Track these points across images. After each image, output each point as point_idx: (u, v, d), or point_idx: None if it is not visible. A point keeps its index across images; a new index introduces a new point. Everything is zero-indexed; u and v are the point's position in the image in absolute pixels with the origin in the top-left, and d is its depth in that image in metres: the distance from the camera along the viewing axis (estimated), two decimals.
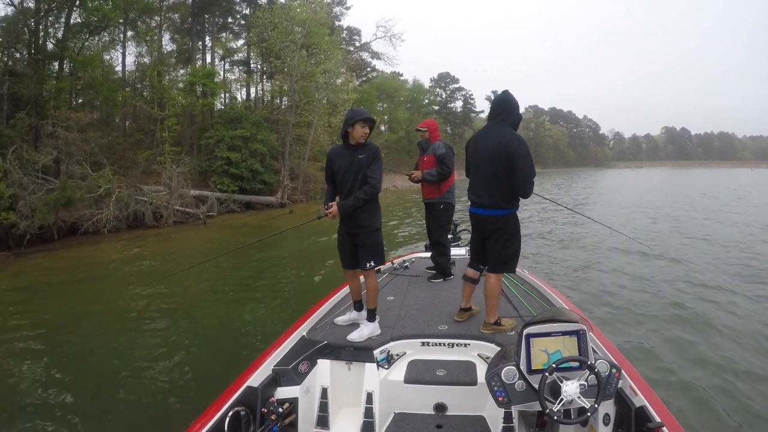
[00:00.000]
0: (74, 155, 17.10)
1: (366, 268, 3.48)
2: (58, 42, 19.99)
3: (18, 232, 13.72)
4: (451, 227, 5.54)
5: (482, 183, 3.35)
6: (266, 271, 10.14)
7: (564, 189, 38.85)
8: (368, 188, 3.33)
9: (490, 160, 3.27)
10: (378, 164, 3.39)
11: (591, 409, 2.17)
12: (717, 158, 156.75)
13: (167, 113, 23.48)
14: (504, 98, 3.38)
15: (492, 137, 3.29)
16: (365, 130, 3.37)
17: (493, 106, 3.44)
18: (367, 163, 3.36)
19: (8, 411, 4.35)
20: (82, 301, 8.28)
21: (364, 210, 3.42)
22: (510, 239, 3.39)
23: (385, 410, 2.95)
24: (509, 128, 3.31)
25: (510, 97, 3.36)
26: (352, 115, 3.37)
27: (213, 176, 23.46)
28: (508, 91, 3.39)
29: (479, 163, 3.36)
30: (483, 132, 3.44)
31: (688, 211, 19.65)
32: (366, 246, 3.48)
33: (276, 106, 33.15)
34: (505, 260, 3.42)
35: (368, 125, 3.37)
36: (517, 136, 3.25)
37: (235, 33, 35.79)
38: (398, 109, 51.07)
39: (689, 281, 8.12)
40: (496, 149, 3.23)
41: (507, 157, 3.19)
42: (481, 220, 3.43)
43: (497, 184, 3.28)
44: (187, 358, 5.49)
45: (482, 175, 3.34)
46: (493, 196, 3.31)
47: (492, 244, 3.42)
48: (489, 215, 3.36)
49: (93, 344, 6.10)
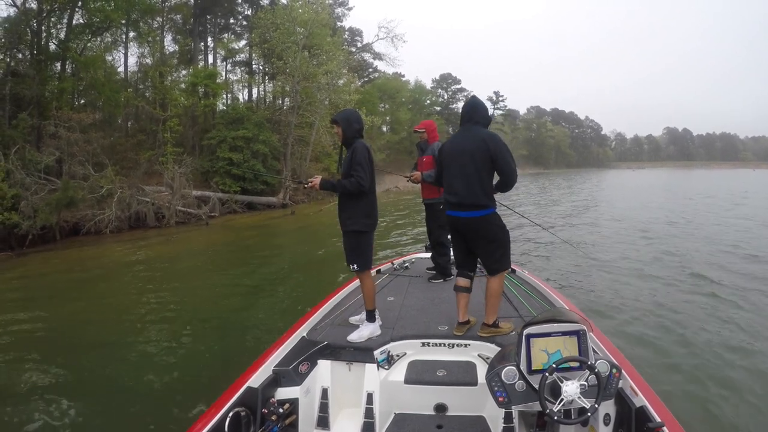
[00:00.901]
0: (76, 156, 17.17)
1: (351, 270, 3.51)
2: (60, 43, 20.06)
3: (20, 233, 13.79)
4: None
5: (463, 183, 3.33)
6: (266, 271, 10.16)
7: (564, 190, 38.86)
8: (353, 180, 3.36)
9: (472, 159, 3.29)
10: (357, 159, 3.38)
11: (591, 409, 2.17)
12: (719, 159, 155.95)
13: (169, 114, 23.51)
14: (473, 102, 3.52)
15: (469, 138, 3.36)
16: (335, 130, 3.57)
17: (463, 111, 3.51)
18: (348, 160, 3.43)
19: (7, 410, 4.35)
20: (83, 301, 8.30)
21: (344, 209, 3.51)
22: (499, 237, 3.38)
23: (386, 411, 2.94)
24: (482, 127, 3.40)
25: (478, 100, 3.54)
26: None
27: (215, 177, 23.51)
28: (476, 96, 3.64)
29: (461, 164, 3.35)
30: (458, 136, 3.49)
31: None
32: (347, 248, 3.51)
33: (278, 107, 33.18)
34: (499, 259, 3.38)
35: (335, 125, 3.56)
36: (493, 132, 3.40)
37: (237, 34, 35.85)
38: (400, 110, 51.03)
39: (689, 281, 8.12)
40: (477, 147, 3.28)
41: (488, 153, 3.25)
42: (466, 224, 3.38)
43: (480, 183, 3.28)
44: (187, 358, 5.49)
45: (464, 175, 3.32)
46: (477, 196, 3.29)
47: (482, 247, 3.39)
48: (474, 217, 3.32)
49: (93, 344, 6.11)
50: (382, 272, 5.40)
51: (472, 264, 3.57)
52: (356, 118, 3.57)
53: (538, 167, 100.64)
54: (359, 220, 3.46)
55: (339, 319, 3.80)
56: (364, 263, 3.48)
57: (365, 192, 3.43)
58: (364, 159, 3.39)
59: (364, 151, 3.42)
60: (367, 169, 3.39)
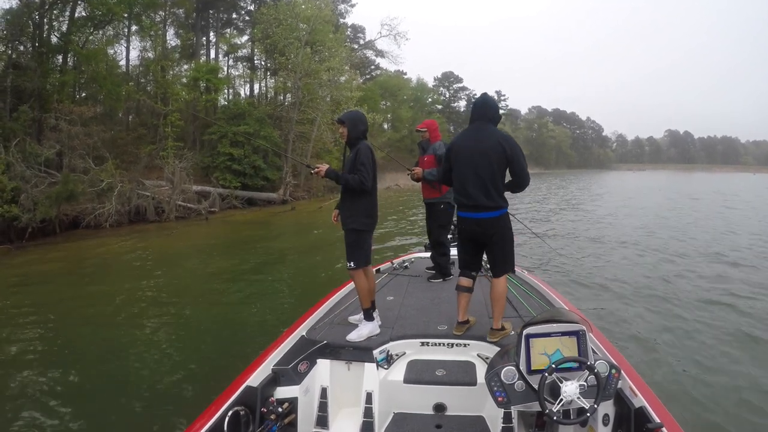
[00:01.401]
0: (77, 149, 17.15)
1: (347, 267, 3.51)
2: (62, 35, 20.01)
3: (20, 225, 13.76)
4: (451, 227, 5.54)
5: (478, 184, 3.27)
6: (267, 270, 10.16)
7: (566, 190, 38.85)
8: (356, 177, 3.37)
9: (488, 160, 3.23)
10: (361, 160, 3.39)
11: (590, 409, 2.16)
12: (720, 162, 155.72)
13: (170, 108, 23.50)
14: (485, 100, 3.47)
15: (483, 137, 3.30)
16: (340, 130, 3.56)
17: (474, 108, 3.46)
18: (352, 160, 3.44)
19: (6, 407, 4.35)
20: (82, 295, 8.29)
21: (346, 207, 3.52)
22: (509, 238, 3.38)
23: (385, 410, 2.94)
24: (493, 126, 3.37)
25: (490, 98, 3.51)
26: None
27: (215, 172, 23.52)
28: (487, 94, 3.55)
29: (475, 165, 3.28)
30: (469, 134, 3.40)
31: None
32: (346, 245, 3.52)
33: (279, 103, 33.16)
34: (508, 260, 3.39)
35: (341, 125, 3.54)
36: (507, 134, 3.39)
37: (239, 29, 35.83)
38: (401, 108, 51.00)
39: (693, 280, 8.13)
40: (492, 148, 3.23)
41: (504, 155, 3.22)
42: (480, 224, 3.33)
43: (495, 184, 3.25)
44: (186, 357, 5.48)
45: (478, 176, 3.26)
46: (493, 197, 3.25)
47: (495, 247, 3.36)
48: (489, 218, 3.28)
49: (92, 340, 6.11)
50: (381, 272, 5.40)
51: (478, 265, 3.56)
52: (362, 120, 3.58)
53: (539, 167, 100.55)
54: (359, 219, 3.47)
55: (338, 318, 3.79)
56: (359, 261, 3.47)
57: (367, 191, 3.44)
58: (368, 159, 3.39)
59: (368, 152, 3.43)
60: (371, 170, 3.40)
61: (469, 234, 3.42)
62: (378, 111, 36.96)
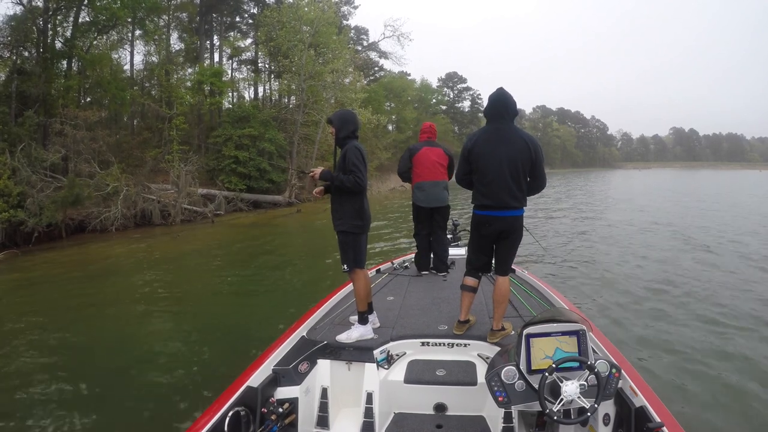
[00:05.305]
0: (82, 153, 17.31)
1: (342, 270, 3.49)
2: (66, 41, 20.18)
3: (26, 230, 13.91)
4: (449, 226, 5.55)
5: (506, 187, 3.19)
6: (267, 271, 10.19)
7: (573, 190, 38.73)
8: (351, 178, 3.31)
9: (515, 163, 3.18)
10: (351, 160, 3.32)
11: (591, 409, 2.16)
12: (726, 160, 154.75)
13: (175, 112, 23.61)
14: (504, 97, 3.28)
15: (510, 139, 3.20)
16: (330, 130, 3.55)
17: (493, 106, 3.28)
18: (341, 161, 3.39)
19: (9, 406, 4.39)
20: (86, 298, 8.32)
21: (335, 210, 3.48)
22: (521, 235, 3.38)
23: (385, 410, 2.94)
24: (515, 125, 3.29)
25: (508, 94, 3.31)
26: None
27: (221, 175, 23.60)
28: (503, 88, 3.33)
29: (501, 167, 3.19)
30: (492, 136, 3.25)
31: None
32: (339, 247, 3.50)
33: (284, 105, 33.27)
34: (513, 259, 3.40)
35: (330, 125, 3.54)
36: (532, 136, 3.31)
37: (243, 32, 35.91)
38: (406, 109, 51.00)
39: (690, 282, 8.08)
40: (520, 151, 3.18)
41: (530, 158, 3.20)
42: (504, 223, 3.26)
43: (520, 185, 3.22)
44: (187, 357, 5.50)
45: (505, 179, 3.19)
46: (518, 198, 3.23)
47: (508, 245, 3.34)
48: (513, 216, 3.26)
49: (95, 342, 6.15)
50: (381, 272, 5.40)
51: (489, 267, 3.53)
52: (351, 119, 3.51)
53: (545, 167, 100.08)
54: (347, 222, 3.43)
55: (339, 318, 3.79)
56: (351, 263, 3.45)
57: (357, 193, 3.40)
58: (358, 159, 3.31)
59: (357, 152, 3.34)
60: (364, 170, 3.34)
61: (494, 232, 3.32)
62: (383, 112, 37.01)
